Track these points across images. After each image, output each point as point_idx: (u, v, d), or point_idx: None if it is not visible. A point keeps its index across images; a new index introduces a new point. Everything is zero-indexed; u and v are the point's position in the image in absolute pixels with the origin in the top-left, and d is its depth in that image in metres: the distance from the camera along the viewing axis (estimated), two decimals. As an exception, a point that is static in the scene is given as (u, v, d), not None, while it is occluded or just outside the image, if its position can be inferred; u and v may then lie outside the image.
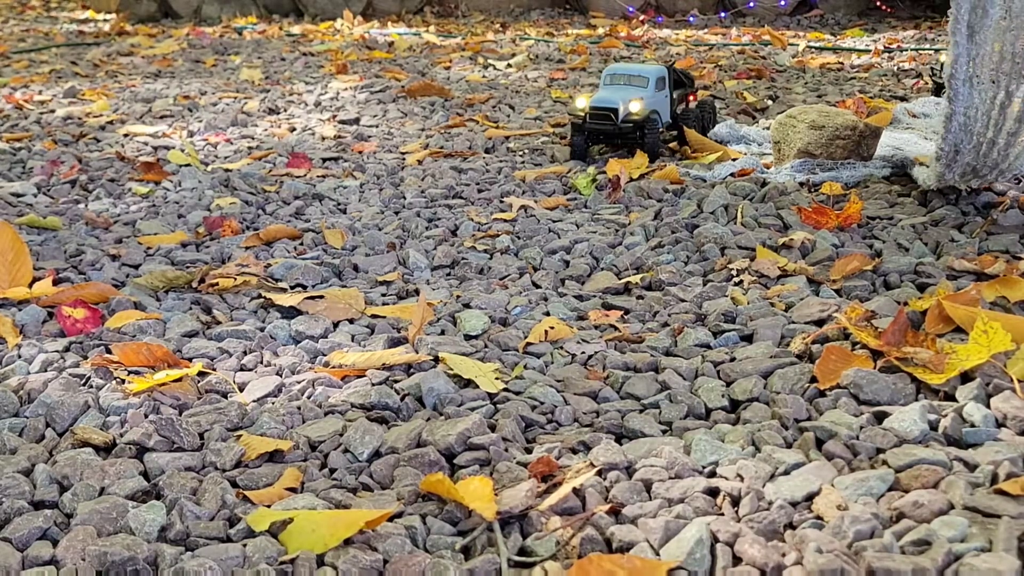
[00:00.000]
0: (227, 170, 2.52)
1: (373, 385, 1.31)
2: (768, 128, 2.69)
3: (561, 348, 1.43)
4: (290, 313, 1.58)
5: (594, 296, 1.64)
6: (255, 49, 4.90)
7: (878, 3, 6.15)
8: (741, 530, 0.94)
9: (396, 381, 1.33)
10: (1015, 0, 1.77)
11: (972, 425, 1.12)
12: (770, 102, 3.27)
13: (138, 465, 1.12)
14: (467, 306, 1.59)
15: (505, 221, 2.05)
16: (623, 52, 4.67)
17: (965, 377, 1.22)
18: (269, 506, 1.03)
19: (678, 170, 2.31)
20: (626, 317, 1.55)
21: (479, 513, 0.98)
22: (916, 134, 2.62)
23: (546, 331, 1.46)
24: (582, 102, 2.46)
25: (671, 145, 2.61)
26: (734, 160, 2.42)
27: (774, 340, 1.40)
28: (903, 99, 3.20)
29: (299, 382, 1.33)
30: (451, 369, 1.33)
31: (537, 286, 1.71)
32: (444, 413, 1.22)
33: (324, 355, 1.42)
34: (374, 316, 1.57)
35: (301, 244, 1.95)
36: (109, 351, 1.40)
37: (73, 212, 2.17)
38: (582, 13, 6.43)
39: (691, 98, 2.70)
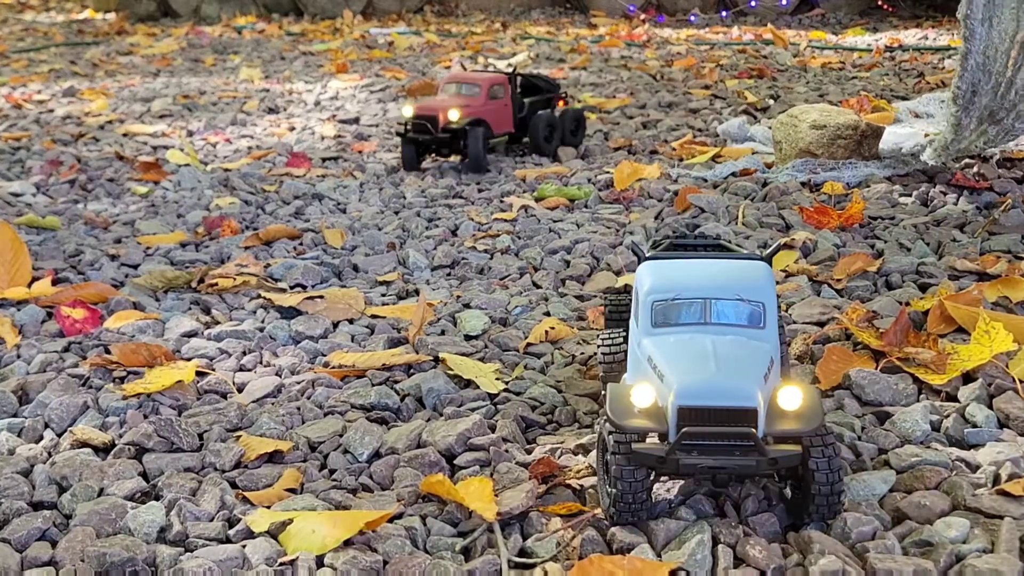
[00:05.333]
0: (226, 170, 2.51)
1: (373, 385, 1.31)
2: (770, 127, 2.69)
3: (561, 348, 1.42)
4: (290, 313, 1.57)
5: (595, 296, 1.64)
6: (255, 48, 4.89)
7: (879, 2, 6.15)
8: (743, 531, 0.94)
9: (396, 381, 1.32)
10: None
11: (974, 426, 1.12)
12: (771, 101, 3.27)
13: (137, 466, 1.11)
14: (467, 306, 1.59)
15: (505, 221, 2.05)
16: (624, 52, 4.66)
17: (967, 377, 1.22)
18: (269, 507, 1.03)
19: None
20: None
21: (479, 514, 0.98)
22: (919, 133, 2.62)
23: (546, 331, 1.46)
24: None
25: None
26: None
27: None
28: (904, 99, 3.20)
29: (299, 382, 1.33)
30: (451, 369, 1.33)
31: (537, 286, 1.71)
32: (444, 413, 1.22)
33: (324, 355, 1.42)
34: (374, 316, 1.57)
35: (301, 244, 1.94)
36: (108, 351, 1.40)
37: (72, 212, 2.17)
38: (583, 12, 6.43)
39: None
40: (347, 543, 0.95)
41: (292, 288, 1.69)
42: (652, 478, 0.94)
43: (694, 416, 0.92)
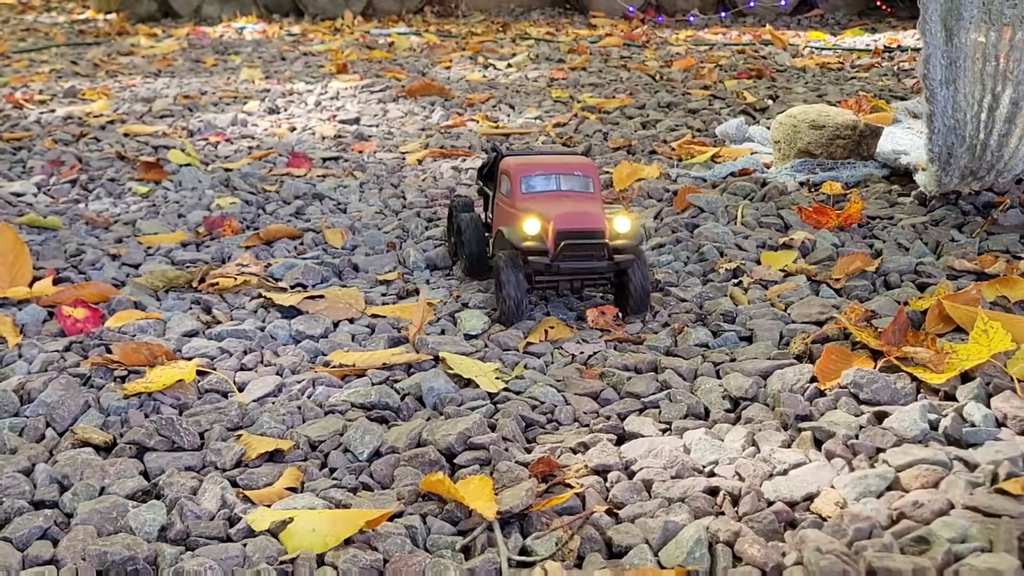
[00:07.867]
0: (227, 170, 2.52)
1: (373, 385, 1.31)
2: (769, 128, 2.70)
3: (561, 348, 1.43)
4: (290, 313, 1.58)
5: (594, 296, 1.64)
6: (255, 49, 4.89)
7: (878, 3, 6.15)
8: (741, 530, 0.94)
9: (396, 381, 1.33)
10: (993, 3, 1.76)
11: (972, 425, 1.12)
12: (770, 102, 3.27)
13: (138, 465, 1.12)
14: (467, 305, 1.59)
15: (505, 221, 2.05)
16: (623, 52, 4.66)
17: (965, 377, 1.22)
18: (269, 506, 1.03)
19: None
20: (626, 317, 1.55)
21: (479, 513, 0.98)
22: (917, 134, 2.62)
23: (546, 331, 1.46)
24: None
25: None
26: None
27: (774, 340, 1.40)
28: (902, 99, 3.20)
29: (299, 382, 1.33)
30: (451, 369, 1.33)
31: (537, 286, 1.71)
32: (444, 413, 1.22)
33: (324, 355, 1.42)
34: (374, 316, 1.57)
35: (301, 244, 1.95)
36: (109, 351, 1.40)
37: (73, 212, 2.17)
38: (582, 13, 6.43)
39: None
40: (347, 542, 0.95)
41: (293, 288, 1.69)
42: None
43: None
